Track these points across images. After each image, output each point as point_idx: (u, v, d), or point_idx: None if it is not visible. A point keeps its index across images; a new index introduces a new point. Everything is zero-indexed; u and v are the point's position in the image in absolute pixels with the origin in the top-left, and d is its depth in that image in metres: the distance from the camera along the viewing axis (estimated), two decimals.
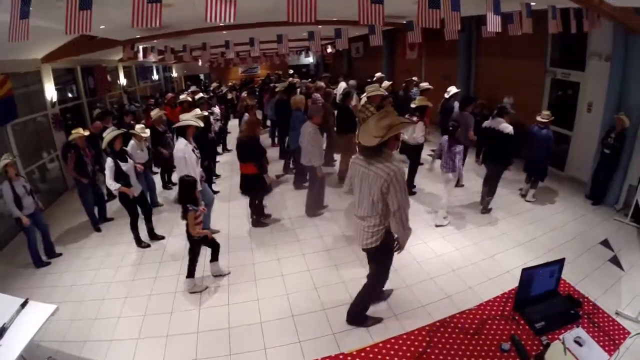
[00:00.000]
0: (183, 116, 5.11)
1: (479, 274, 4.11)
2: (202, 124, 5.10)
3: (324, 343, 3.22)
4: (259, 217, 5.44)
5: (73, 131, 5.60)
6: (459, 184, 5.73)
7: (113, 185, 4.62)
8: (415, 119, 5.63)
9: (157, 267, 4.58)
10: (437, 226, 5.15)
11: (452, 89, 7.42)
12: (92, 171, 5.60)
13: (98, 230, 5.67)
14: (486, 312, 2.33)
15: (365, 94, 6.11)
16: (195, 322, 3.60)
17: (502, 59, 7.74)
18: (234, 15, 2.66)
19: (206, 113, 6.41)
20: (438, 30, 4.98)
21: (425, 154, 6.86)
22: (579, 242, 4.68)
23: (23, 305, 3.02)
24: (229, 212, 5.95)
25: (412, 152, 6.05)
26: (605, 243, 4.66)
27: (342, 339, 3.26)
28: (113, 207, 6.15)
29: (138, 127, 5.70)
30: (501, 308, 2.35)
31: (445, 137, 5.00)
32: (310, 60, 23.28)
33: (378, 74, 10.04)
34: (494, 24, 3.94)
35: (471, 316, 2.30)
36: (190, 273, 4.07)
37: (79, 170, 5.43)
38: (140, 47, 7.43)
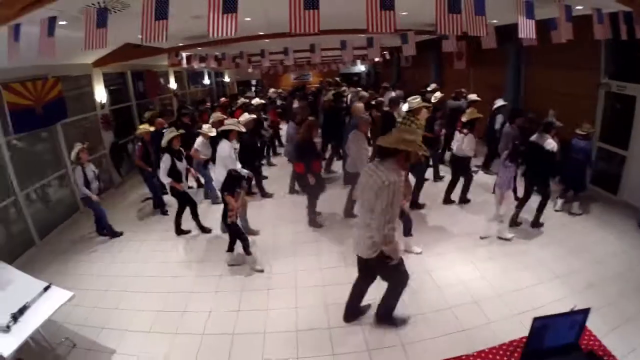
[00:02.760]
0: (227, 121, 5.67)
1: (504, 308, 3.70)
2: (243, 129, 5.60)
3: None
4: (314, 217, 5.62)
5: (140, 126, 6.38)
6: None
7: (165, 179, 5.15)
8: (465, 131, 5.56)
9: (180, 267, 4.77)
10: (499, 238, 4.98)
11: (499, 102, 7.12)
12: (155, 161, 6.13)
13: (165, 213, 6.33)
14: None
15: (406, 105, 5.91)
16: (203, 324, 3.67)
17: (553, 70, 7.11)
18: (235, 29, 2.72)
19: (254, 116, 6.80)
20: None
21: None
22: (625, 279, 4.06)
23: (46, 289, 3.35)
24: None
25: (460, 165, 5.90)
26: None
27: None
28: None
29: (205, 126, 6.27)
30: (505, 359, 2.07)
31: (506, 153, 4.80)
32: (362, 68, 23.18)
33: (433, 85, 9.75)
34: (527, 29, 3.55)
35: None
36: (248, 251, 4.55)
37: (145, 160, 6.11)
38: (184, 55, 7.88)
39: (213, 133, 6.04)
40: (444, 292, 3.97)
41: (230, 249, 4.67)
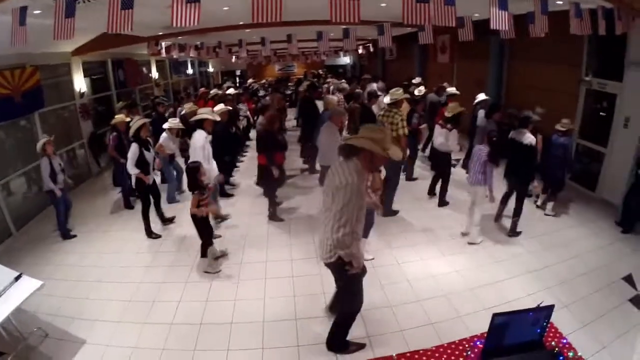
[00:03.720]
0: (201, 110, 5.48)
1: (475, 302, 3.71)
2: (218, 118, 5.43)
3: (286, 354, 3.16)
4: (274, 211, 5.58)
5: (116, 116, 6.16)
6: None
7: (133, 170, 4.91)
8: (449, 126, 5.47)
9: (152, 257, 4.79)
10: (469, 244, 4.80)
11: (481, 96, 7.11)
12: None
13: (130, 207, 6.24)
14: (445, 355, 2.08)
15: (388, 97, 5.89)
16: (172, 314, 3.70)
17: (535, 65, 7.15)
18: (197, 19, 2.70)
19: (230, 108, 6.66)
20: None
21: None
22: (599, 275, 4.10)
23: (17, 278, 3.36)
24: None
25: (442, 160, 5.84)
26: (629, 279, 4.04)
27: (305, 352, 3.17)
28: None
29: (172, 120, 6.09)
30: (465, 354, 2.08)
31: (479, 147, 4.70)
32: (347, 60, 23.12)
33: (417, 79, 9.79)
34: (499, 21, 3.51)
35: (424, 358, 2.05)
36: (204, 253, 4.38)
37: (119, 151, 5.85)
38: (163, 44, 7.79)
39: (179, 126, 5.96)
40: (414, 285, 4.01)
41: (204, 254, 4.42)
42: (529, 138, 4.69)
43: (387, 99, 5.90)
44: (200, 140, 4.97)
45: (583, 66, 6.17)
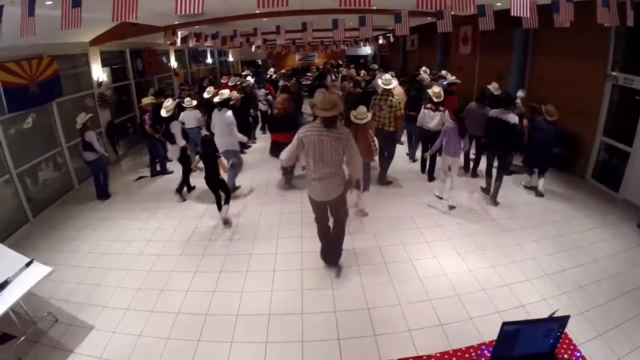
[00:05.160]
0: (223, 91, 6.37)
1: (488, 304, 3.55)
2: (233, 100, 6.51)
3: (290, 349, 3.11)
4: (289, 178, 6.37)
5: (144, 99, 7.12)
6: (474, 172, 6.61)
7: (181, 142, 5.82)
8: (442, 108, 6.22)
9: (163, 246, 4.80)
10: (450, 208, 5.44)
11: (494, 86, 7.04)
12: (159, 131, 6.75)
13: (158, 175, 7.24)
14: None
15: (382, 83, 6.27)
16: (179, 303, 3.70)
17: (560, 59, 6.83)
18: (201, 7, 2.64)
19: (241, 96, 7.59)
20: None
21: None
22: (618, 282, 3.84)
23: (28, 264, 3.41)
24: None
25: (434, 140, 6.23)
26: None
27: (309, 348, 3.11)
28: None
29: (187, 100, 7.15)
30: None
31: (450, 126, 5.35)
32: (368, 51, 23.04)
33: (424, 68, 9.91)
34: (520, 7, 3.29)
35: None
36: (227, 200, 5.26)
37: (153, 128, 6.74)
38: (179, 33, 7.82)
39: (192, 104, 7.04)
40: (425, 283, 3.88)
41: (227, 201, 5.24)
42: (514, 118, 5.31)
43: (379, 81, 6.46)
44: (230, 116, 5.78)
45: (609, 61, 5.86)
